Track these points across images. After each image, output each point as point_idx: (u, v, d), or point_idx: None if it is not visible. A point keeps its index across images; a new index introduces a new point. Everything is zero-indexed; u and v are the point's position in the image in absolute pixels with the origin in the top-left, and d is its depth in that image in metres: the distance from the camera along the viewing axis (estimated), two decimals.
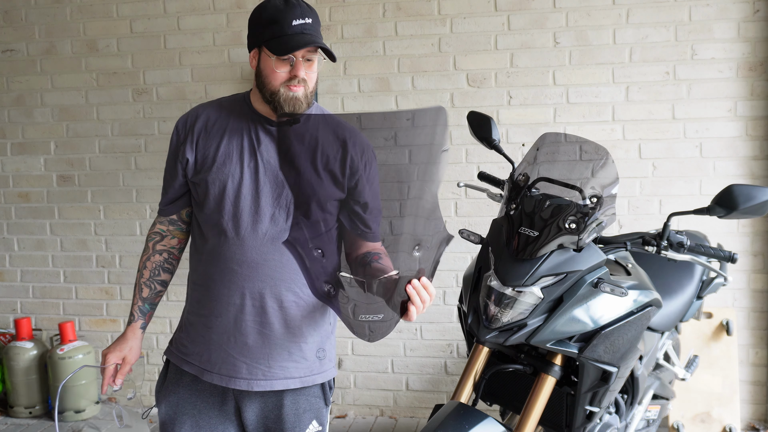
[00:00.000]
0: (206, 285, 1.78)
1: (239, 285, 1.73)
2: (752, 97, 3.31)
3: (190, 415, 1.79)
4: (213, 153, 1.75)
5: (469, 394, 1.95)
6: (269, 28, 1.65)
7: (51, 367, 3.70)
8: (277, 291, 1.74)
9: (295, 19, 1.64)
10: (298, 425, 1.78)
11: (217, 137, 1.76)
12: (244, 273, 1.73)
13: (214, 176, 1.74)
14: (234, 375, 1.74)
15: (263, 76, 1.69)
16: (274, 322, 1.74)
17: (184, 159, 1.78)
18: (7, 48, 3.92)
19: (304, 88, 1.69)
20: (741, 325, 3.40)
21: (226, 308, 1.75)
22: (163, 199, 1.88)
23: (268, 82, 1.68)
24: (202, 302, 1.79)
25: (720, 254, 1.94)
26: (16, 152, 3.96)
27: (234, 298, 1.74)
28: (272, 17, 1.65)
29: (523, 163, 2.01)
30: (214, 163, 1.74)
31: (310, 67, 1.70)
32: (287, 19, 1.64)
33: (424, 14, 3.51)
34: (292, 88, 1.67)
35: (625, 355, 1.94)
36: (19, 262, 4.02)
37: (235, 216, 1.73)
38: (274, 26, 1.64)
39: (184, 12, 3.72)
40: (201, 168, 1.76)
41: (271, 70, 1.67)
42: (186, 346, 1.82)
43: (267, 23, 1.66)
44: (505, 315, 1.81)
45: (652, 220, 3.39)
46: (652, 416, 2.57)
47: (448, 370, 3.64)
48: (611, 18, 3.37)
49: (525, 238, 1.81)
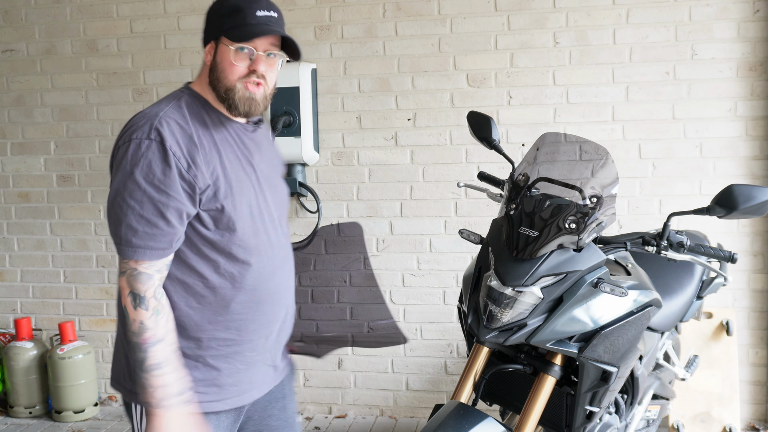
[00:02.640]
0: (248, 315, 1.61)
1: (284, 294, 1.72)
2: (752, 97, 3.31)
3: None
4: (221, 172, 1.54)
5: (469, 394, 1.95)
6: (231, 17, 1.55)
7: (51, 367, 3.70)
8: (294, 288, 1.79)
9: (261, 10, 1.55)
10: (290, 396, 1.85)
11: (214, 153, 1.55)
12: (284, 282, 1.72)
13: (238, 198, 1.56)
14: (266, 382, 1.74)
15: (219, 70, 1.57)
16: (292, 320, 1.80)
17: (205, 185, 1.50)
18: (7, 48, 3.92)
19: (263, 88, 1.58)
20: (741, 325, 3.40)
21: (275, 323, 1.70)
22: (175, 236, 1.51)
23: (224, 77, 1.56)
24: (245, 332, 1.61)
25: (720, 254, 1.94)
26: (16, 152, 3.97)
27: (281, 309, 1.71)
28: (235, 6, 1.55)
29: (523, 163, 2.01)
30: (230, 184, 1.55)
31: (271, 66, 1.59)
32: (252, 9, 1.54)
33: (424, 14, 3.51)
34: (249, 87, 1.56)
35: (625, 355, 1.94)
36: (19, 262, 4.02)
37: (266, 232, 1.64)
38: (236, 15, 1.54)
39: (184, 12, 3.72)
40: (216, 192, 1.53)
41: (229, 63, 1.55)
42: (220, 387, 1.60)
43: (229, 12, 1.56)
44: (505, 315, 1.81)
45: (652, 220, 3.39)
46: (652, 416, 2.57)
47: (448, 370, 3.64)
48: (611, 18, 3.37)
49: (525, 238, 1.81)
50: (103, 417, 3.78)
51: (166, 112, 1.53)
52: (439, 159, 3.55)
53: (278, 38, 1.59)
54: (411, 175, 3.57)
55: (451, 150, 3.54)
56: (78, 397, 3.71)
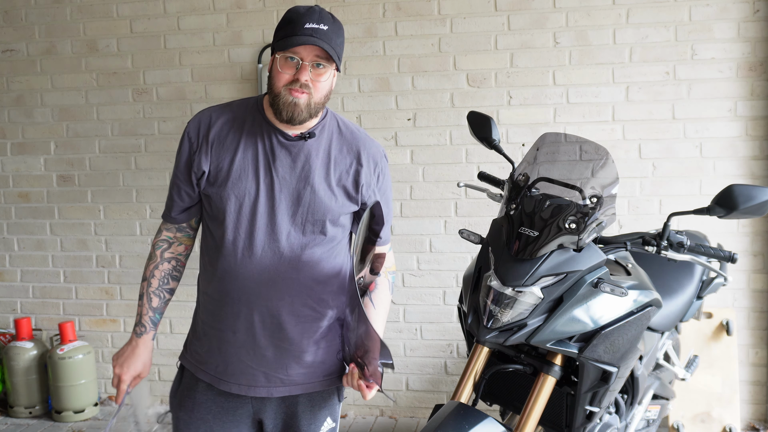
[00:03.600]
0: (222, 300, 1.74)
1: (256, 303, 1.71)
2: (752, 97, 3.31)
3: (205, 420, 1.78)
4: (227, 166, 1.70)
5: (469, 394, 1.95)
6: (283, 29, 1.65)
7: (51, 367, 3.70)
8: (295, 307, 1.72)
9: (310, 23, 1.62)
10: (314, 423, 1.79)
11: (231, 149, 1.71)
12: (261, 291, 1.70)
13: (230, 192, 1.70)
14: (253, 384, 1.74)
15: (270, 77, 1.68)
16: (292, 336, 1.73)
17: (200, 170, 1.72)
18: (7, 48, 3.92)
19: (307, 95, 1.64)
20: (741, 325, 3.40)
21: (243, 324, 1.72)
22: (174, 207, 1.81)
23: (273, 84, 1.66)
24: (218, 316, 1.76)
25: (720, 254, 1.94)
26: (16, 152, 3.96)
27: (251, 315, 1.71)
28: (289, 18, 1.65)
29: (523, 163, 2.01)
30: (228, 178, 1.70)
31: (318, 75, 1.65)
32: (301, 21, 1.62)
33: (424, 14, 3.51)
34: (293, 92, 1.63)
35: (625, 355, 1.94)
36: (19, 262, 4.02)
37: (251, 234, 1.69)
38: (288, 26, 1.63)
39: (184, 12, 3.72)
40: (215, 181, 1.71)
41: (276, 71, 1.65)
42: (201, 355, 1.80)
43: (283, 24, 1.66)
44: (505, 315, 1.81)
45: (652, 220, 3.39)
46: (652, 416, 2.57)
47: (448, 370, 3.64)
48: (611, 18, 3.37)
49: (525, 238, 1.81)
50: (103, 417, 3.78)
51: (213, 108, 1.78)
52: (439, 159, 3.55)
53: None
54: (411, 175, 3.57)
55: (451, 150, 3.54)
56: (78, 397, 3.71)
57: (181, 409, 1.81)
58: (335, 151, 1.75)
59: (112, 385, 1.64)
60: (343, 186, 1.74)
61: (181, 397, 1.81)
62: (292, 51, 1.62)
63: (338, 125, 1.79)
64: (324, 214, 1.71)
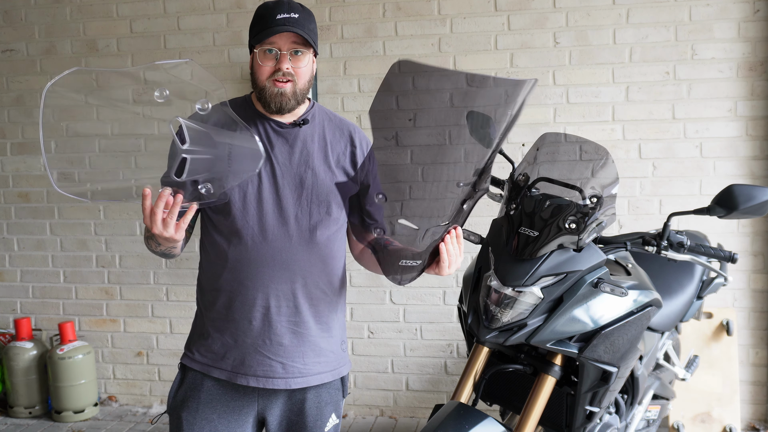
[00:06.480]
0: (235, 290, 1.76)
1: (270, 287, 1.75)
2: (752, 97, 3.31)
3: (209, 420, 1.79)
4: None
5: (469, 394, 1.95)
6: (257, 25, 1.71)
7: (51, 367, 3.70)
8: (308, 289, 1.77)
9: (281, 14, 1.68)
10: (320, 419, 1.82)
11: None
12: (276, 275, 1.74)
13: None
14: (271, 375, 1.76)
15: (253, 73, 1.74)
16: (308, 320, 1.78)
17: None
18: (7, 48, 3.92)
19: (291, 83, 1.71)
20: (741, 325, 3.40)
21: (260, 311, 1.75)
22: None
23: (256, 78, 1.72)
24: (231, 309, 1.77)
25: (720, 254, 1.94)
26: (16, 152, 3.96)
27: (267, 300, 1.75)
28: (260, 14, 1.71)
29: (523, 163, 2.01)
30: None
31: (298, 61, 1.71)
32: (273, 14, 1.69)
33: (424, 14, 3.51)
34: (278, 83, 1.69)
35: (625, 355, 1.94)
36: (19, 262, 4.02)
37: (261, 221, 1.74)
38: (260, 22, 1.70)
39: (184, 12, 3.72)
40: None
41: (258, 65, 1.70)
42: (215, 352, 1.79)
43: (255, 21, 1.72)
44: (505, 315, 1.81)
45: (652, 220, 3.39)
46: (652, 416, 2.57)
47: (448, 370, 3.64)
48: (611, 18, 3.37)
49: (525, 238, 1.81)
50: (103, 417, 3.78)
51: None
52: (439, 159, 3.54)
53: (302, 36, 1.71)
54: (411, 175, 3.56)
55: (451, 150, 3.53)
56: (78, 397, 3.71)
57: (184, 409, 1.81)
58: (329, 135, 1.83)
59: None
60: (342, 167, 1.82)
61: (184, 398, 1.82)
62: (269, 42, 1.68)
63: (326, 113, 1.88)
64: (328, 195, 1.78)
